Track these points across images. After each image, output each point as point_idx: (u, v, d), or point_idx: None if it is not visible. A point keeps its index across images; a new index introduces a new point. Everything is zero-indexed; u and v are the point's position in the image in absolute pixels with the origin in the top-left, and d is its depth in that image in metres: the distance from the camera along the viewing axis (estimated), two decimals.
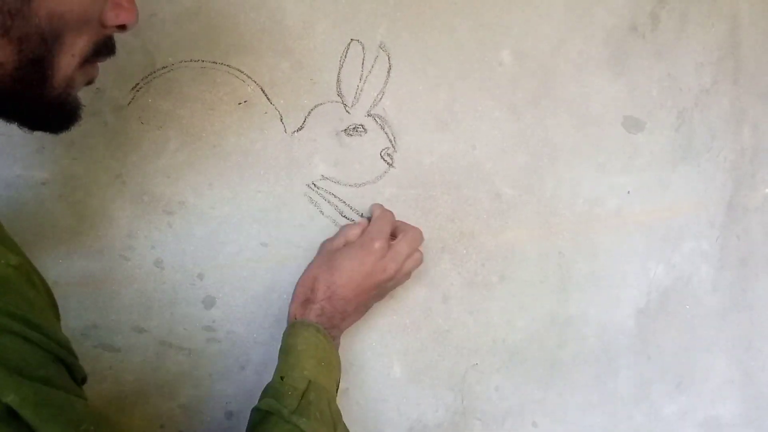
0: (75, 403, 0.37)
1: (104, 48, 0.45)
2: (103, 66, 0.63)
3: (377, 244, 0.64)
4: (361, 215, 0.74)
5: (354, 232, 0.68)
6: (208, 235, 0.69)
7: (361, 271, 0.63)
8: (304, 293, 0.65)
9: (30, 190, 0.62)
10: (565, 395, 0.87)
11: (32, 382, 0.34)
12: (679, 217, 0.92)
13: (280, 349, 0.62)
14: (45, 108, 0.43)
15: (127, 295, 0.66)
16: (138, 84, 0.65)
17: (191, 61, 0.66)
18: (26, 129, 0.45)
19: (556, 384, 0.87)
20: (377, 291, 0.67)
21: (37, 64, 0.39)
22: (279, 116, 0.70)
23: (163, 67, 0.65)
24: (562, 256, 0.85)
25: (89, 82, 0.47)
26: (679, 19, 0.88)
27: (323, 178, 0.73)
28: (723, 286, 0.96)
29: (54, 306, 0.42)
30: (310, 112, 0.71)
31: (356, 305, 0.65)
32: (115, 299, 0.66)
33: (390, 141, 0.75)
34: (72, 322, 0.64)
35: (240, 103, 0.69)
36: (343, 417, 0.74)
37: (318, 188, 0.73)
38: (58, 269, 0.64)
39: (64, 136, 0.62)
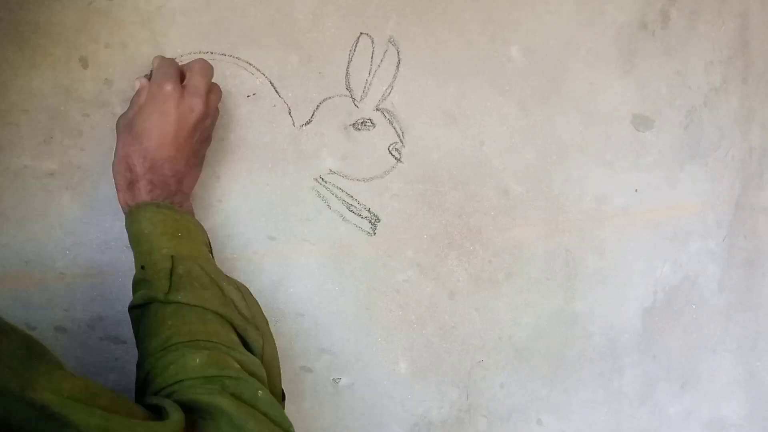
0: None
1: None
2: (112, 57, 0.63)
3: (168, 87, 0.56)
4: (369, 210, 0.74)
5: (143, 95, 0.58)
6: (215, 227, 0.69)
7: (168, 122, 0.55)
8: (124, 177, 0.57)
9: (37, 180, 0.62)
10: (570, 393, 0.87)
11: None
12: (687, 216, 0.92)
13: (129, 242, 0.56)
14: None
15: None
16: (147, 75, 0.64)
17: (200, 52, 0.66)
18: None
19: (562, 381, 0.86)
20: (198, 135, 0.59)
21: None
22: (287, 109, 0.70)
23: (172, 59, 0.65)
24: (568, 253, 0.85)
25: None
26: (690, 17, 0.88)
27: (331, 172, 0.72)
28: (729, 285, 0.96)
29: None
30: (318, 106, 0.71)
31: (185, 159, 0.58)
32: (122, 291, 0.66)
33: (398, 136, 0.74)
34: (78, 314, 0.64)
35: (248, 96, 0.68)
36: (348, 412, 0.74)
37: (325, 182, 0.72)
38: (65, 260, 0.64)
39: (73, 126, 0.62)
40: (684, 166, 0.90)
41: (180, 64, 0.60)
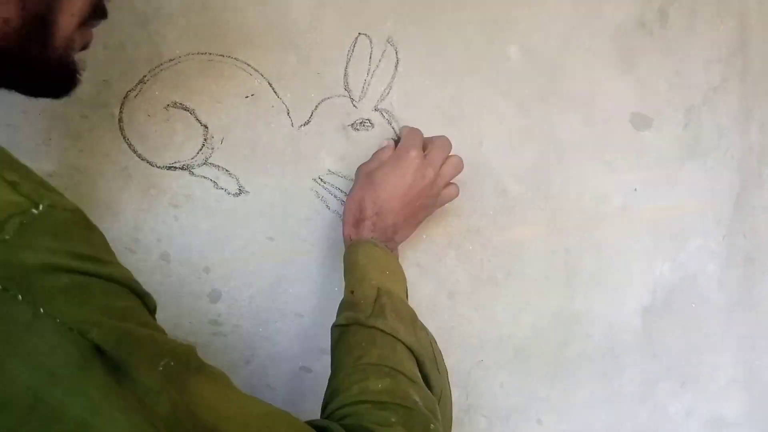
0: (155, 338, 0.37)
1: (98, 10, 0.47)
2: (110, 58, 0.63)
3: (413, 153, 0.65)
4: None
5: (387, 153, 0.68)
6: (214, 228, 0.69)
7: (402, 181, 0.64)
8: (354, 215, 0.66)
9: None
10: (570, 393, 0.87)
11: (111, 318, 0.34)
12: (686, 215, 0.92)
13: (344, 269, 0.63)
14: (46, 68, 0.44)
15: None
16: (145, 76, 0.65)
17: (198, 53, 0.66)
18: (28, 94, 0.46)
19: (561, 381, 0.86)
20: (422, 201, 0.67)
21: (39, 21, 0.41)
22: (286, 110, 0.70)
23: (170, 60, 0.65)
24: (568, 253, 0.85)
25: (85, 47, 0.48)
26: (688, 16, 0.88)
27: (330, 172, 0.72)
28: (729, 284, 0.96)
29: (109, 246, 0.42)
30: (317, 106, 0.71)
31: (405, 216, 0.66)
32: None
33: (397, 136, 0.74)
34: None
35: (247, 97, 0.68)
36: None
37: (324, 183, 0.72)
38: None
39: (71, 127, 0.63)
40: (683, 165, 0.90)
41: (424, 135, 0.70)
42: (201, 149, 0.67)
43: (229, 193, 0.69)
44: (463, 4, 0.75)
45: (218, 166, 0.68)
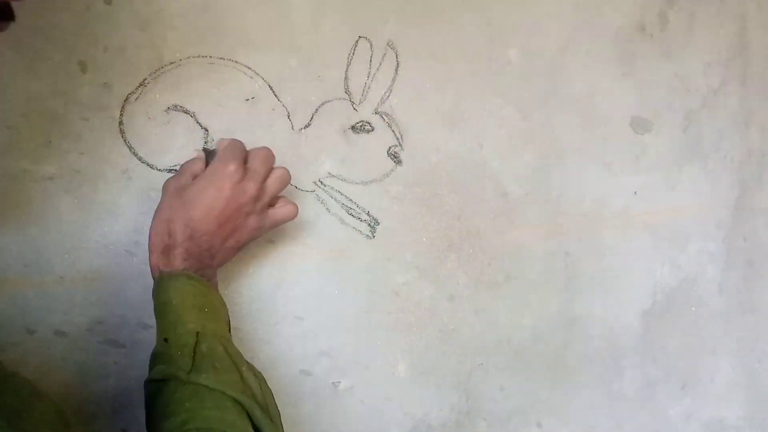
0: None
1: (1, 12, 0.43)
2: (111, 61, 0.63)
3: (232, 167, 0.57)
4: (368, 213, 0.74)
5: (198, 166, 0.60)
6: None
7: (219, 198, 0.56)
8: (161, 240, 0.56)
9: (36, 184, 0.62)
10: (570, 395, 0.87)
11: None
12: (686, 217, 0.92)
13: (154, 309, 0.55)
14: None
15: (133, 291, 0.66)
16: (145, 79, 0.65)
17: (199, 56, 0.66)
18: None
19: (561, 384, 0.86)
20: (243, 219, 0.59)
21: None
22: (286, 113, 0.70)
23: (171, 63, 0.65)
24: (568, 255, 0.85)
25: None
26: (688, 19, 0.88)
27: (330, 175, 0.72)
28: (729, 287, 0.96)
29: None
30: (317, 109, 0.71)
31: (223, 238, 0.58)
32: (121, 295, 0.66)
33: (397, 139, 0.74)
34: (78, 317, 0.64)
35: (247, 100, 0.68)
36: (348, 415, 0.74)
37: (325, 186, 0.72)
38: (64, 264, 0.63)
39: (72, 130, 0.63)
40: (683, 168, 0.90)
41: (245, 148, 0.61)
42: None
43: None
44: (463, 8, 0.76)
45: None
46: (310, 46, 0.70)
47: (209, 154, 0.63)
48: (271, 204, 0.63)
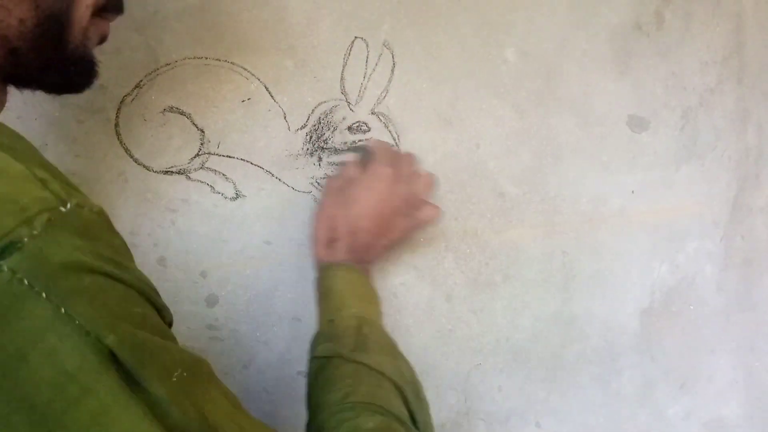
0: (169, 348, 0.37)
1: (112, 2, 0.47)
2: (107, 62, 0.63)
3: (389, 170, 0.64)
4: None
5: (354, 169, 0.67)
6: (211, 233, 0.69)
7: (377, 199, 0.63)
8: (326, 234, 0.64)
9: None
10: (568, 395, 0.87)
11: (128, 324, 0.35)
12: (684, 216, 0.92)
13: (319, 295, 0.61)
14: (65, 64, 0.44)
15: None
16: (141, 81, 0.65)
17: (195, 58, 0.66)
18: (50, 92, 0.47)
19: (560, 384, 0.86)
20: (396, 220, 0.65)
21: (54, 18, 0.41)
22: (282, 114, 0.70)
23: (167, 64, 0.65)
24: (565, 255, 0.84)
25: (102, 40, 0.48)
26: (684, 18, 0.88)
27: (327, 176, 0.72)
28: (727, 286, 0.96)
29: (130, 252, 0.42)
30: (313, 110, 0.71)
31: (378, 235, 0.64)
32: None
33: (394, 139, 0.74)
34: None
35: (243, 101, 0.68)
36: None
37: (321, 186, 0.72)
38: None
39: (67, 132, 0.63)
40: (680, 167, 0.90)
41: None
42: (198, 154, 0.67)
43: (225, 198, 0.69)
44: (459, 8, 0.76)
45: (215, 171, 0.68)
46: (306, 47, 0.70)
47: (358, 150, 0.69)
48: (416, 206, 0.68)
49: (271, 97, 0.69)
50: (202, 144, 0.67)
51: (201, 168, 0.68)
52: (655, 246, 0.90)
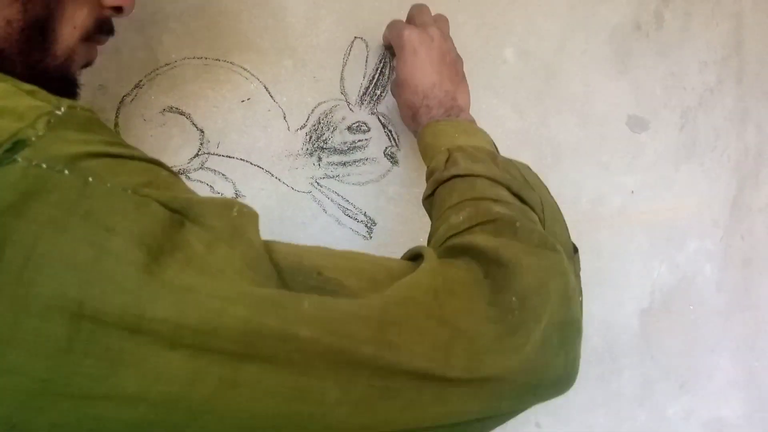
0: (213, 197, 0.37)
1: (104, 27, 0.47)
2: (106, 62, 0.63)
3: (406, 32, 0.63)
4: (365, 213, 0.74)
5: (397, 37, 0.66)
6: None
7: (418, 57, 0.63)
8: (408, 114, 0.65)
9: None
10: (568, 395, 0.86)
11: (161, 188, 0.34)
12: (683, 216, 0.92)
13: (424, 160, 0.62)
14: (46, 77, 0.43)
15: None
16: (141, 81, 0.65)
17: (194, 58, 0.66)
18: None
19: None
20: (449, 56, 0.65)
21: (40, 27, 0.41)
22: (282, 114, 0.70)
23: (166, 64, 0.65)
24: None
25: (88, 64, 0.49)
26: (683, 17, 0.88)
27: (326, 176, 0.72)
28: (727, 285, 0.96)
29: None
30: (313, 110, 0.71)
31: (448, 78, 0.64)
32: None
33: (393, 139, 0.74)
34: None
35: (243, 101, 0.68)
36: None
37: (321, 186, 0.72)
38: None
39: None
40: (680, 167, 0.90)
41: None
42: (197, 154, 0.67)
43: (225, 197, 0.69)
44: (458, 7, 0.76)
45: (214, 171, 0.68)
46: (306, 47, 0.70)
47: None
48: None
49: (271, 97, 0.69)
50: (201, 144, 0.67)
51: (200, 168, 0.68)
52: (655, 246, 0.90)
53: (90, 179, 0.31)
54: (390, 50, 0.71)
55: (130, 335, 0.29)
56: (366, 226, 0.74)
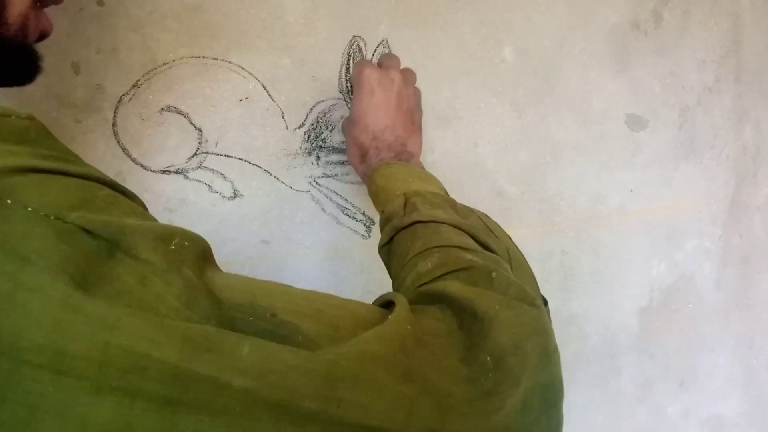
0: (158, 224, 0.34)
1: None
2: (104, 62, 0.63)
3: (366, 71, 0.62)
4: (363, 213, 0.74)
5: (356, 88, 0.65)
6: (209, 232, 0.68)
7: (375, 97, 0.62)
8: (357, 156, 0.64)
9: None
10: (567, 394, 0.87)
11: (94, 212, 0.31)
12: (682, 215, 0.92)
13: (373, 203, 0.61)
14: (2, 49, 0.42)
15: None
16: (138, 80, 0.64)
17: (192, 57, 0.66)
18: None
19: None
20: (406, 103, 0.64)
21: None
22: (281, 113, 0.70)
23: (164, 64, 0.65)
24: (564, 254, 0.84)
25: (42, 36, 0.46)
26: (682, 16, 0.88)
27: (325, 175, 0.72)
28: (726, 284, 0.96)
29: (72, 152, 0.39)
30: (311, 109, 0.71)
31: (401, 124, 0.63)
32: None
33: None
34: None
35: (241, 100, 0.68)
36: None
37: (320, 185, 0.72)
38: None
39: (65, 132, 0.62)
40: (678, 165, 0.90)
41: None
42: (195, 153, 0.67)
43: (223, 197, 0.69)
44: (457, 6, 0.75)
45: (213, 170, 0.68)
46: (304, 45, 0.70)
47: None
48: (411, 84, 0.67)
49: (269, 96, 0.69)
50: (199, 143, 0.67)
51: (199, 167, 0.68)
52: (654, 244, 0.90)
53: (8, 201, 0.28)
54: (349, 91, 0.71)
55: (52, 376, 0.26)
56: (364, 225, 0.74)
